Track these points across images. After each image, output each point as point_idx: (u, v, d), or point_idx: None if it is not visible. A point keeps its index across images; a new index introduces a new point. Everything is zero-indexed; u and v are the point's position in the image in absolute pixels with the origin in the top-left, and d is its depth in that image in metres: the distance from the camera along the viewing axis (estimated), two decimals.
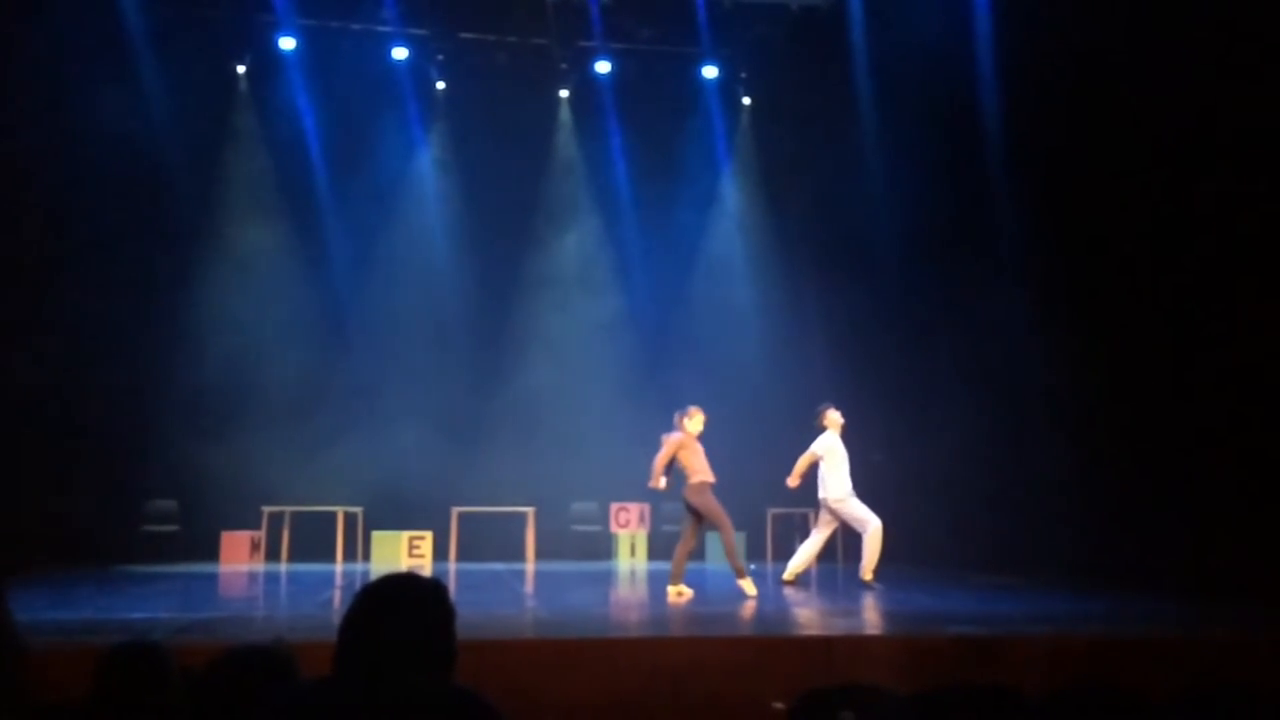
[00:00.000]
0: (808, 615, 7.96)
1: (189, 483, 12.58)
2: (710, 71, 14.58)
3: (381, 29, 13.66)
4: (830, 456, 10.04)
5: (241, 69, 13.86)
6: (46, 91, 11.04)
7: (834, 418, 10.22)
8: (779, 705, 4.71)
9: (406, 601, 2.08)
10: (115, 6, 12.22)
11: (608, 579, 11.55)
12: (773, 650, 5.88)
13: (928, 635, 6.20)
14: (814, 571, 12.50)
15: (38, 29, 10.76)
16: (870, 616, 7.59)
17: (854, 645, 5.95)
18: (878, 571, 9.81)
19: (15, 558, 9.41)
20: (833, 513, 10.09)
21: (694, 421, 9.41)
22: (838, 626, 6.84)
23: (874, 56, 13.06)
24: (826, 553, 13.30)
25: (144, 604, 8.26)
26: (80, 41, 11.49)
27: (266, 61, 13.80)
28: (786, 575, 10.19)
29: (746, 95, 15.01)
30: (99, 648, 4.84)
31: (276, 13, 13.22)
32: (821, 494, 10.14)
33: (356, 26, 13.63)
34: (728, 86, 14.89)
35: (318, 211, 13.99)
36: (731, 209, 15.14)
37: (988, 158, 11.44)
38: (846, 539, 13.32)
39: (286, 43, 13.55)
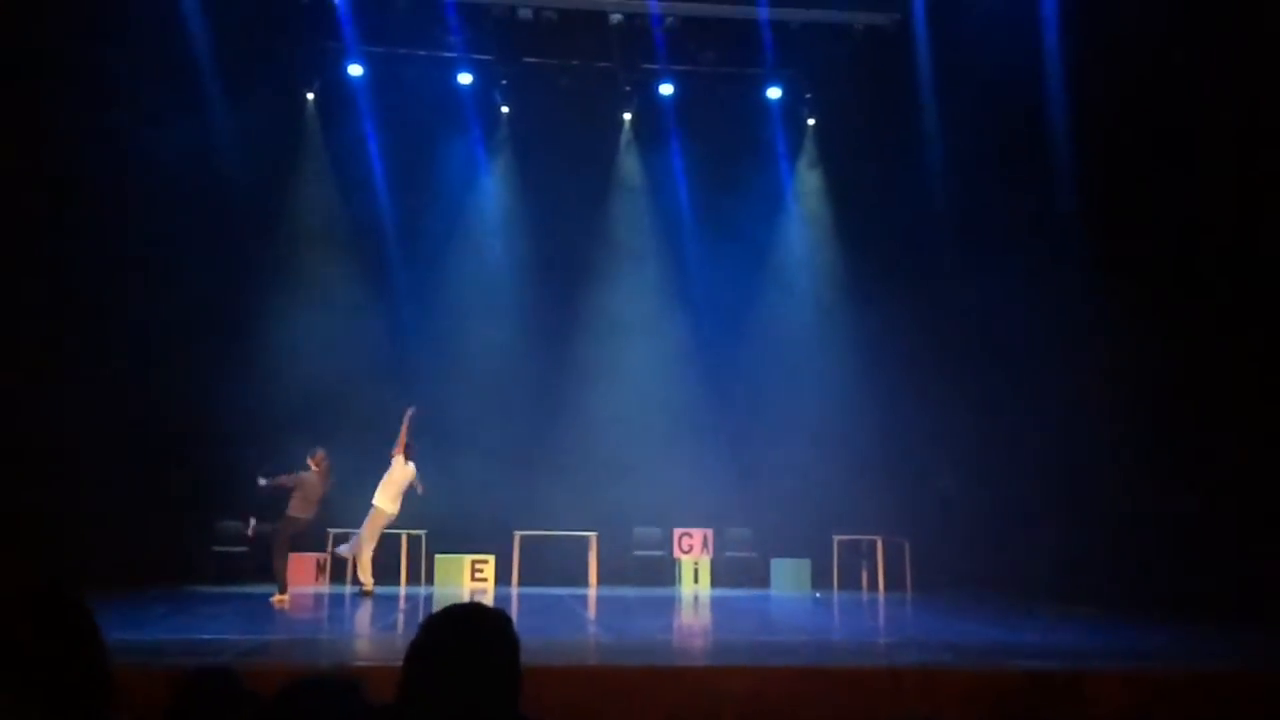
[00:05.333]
0: (874, 646, 7.80)
1: (258, 505, 12.71)
2: (774, 92, 14.54)
3: (447, 55, 13.84)
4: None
5: (311, 96, 14.16)
6: (122, 118, 11.30)
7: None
8: None
9: (471, 633, 2.10)
10: (189, 35, 12.53)
11: (671, 605, 11.45)
12: (838, 681, 5.74)
13: (998, 668, 6.02)
14: (881, 599, 12.32)
15: (114, 56, 11.03)
16: (939, 648, 7.39)
17: (922, 678, 5.80)
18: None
19: (86, 576, 9.56)
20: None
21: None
22: (905, 658, 6.68)
23: (939, 75, 12.93)
24: (894, 581, 13.14)
25: (213, 625, 8.36)
26: (155, 69, 11.77)
27: (335, 88, 14.08)
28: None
29: (810, 116, 14.92)
30: (172, 669, 4.88)
31: (345, 40, 13.46)
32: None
33: (422, 53, 13.83)
34: (791, 107, 14.82)
35: (383, 236, 14.19)
36: (796, 230, 15.03)
37: (1057, 175, 11.24)
38: (914, 566, 13.11)
39: (354, 70, 13.80)
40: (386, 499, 11.38)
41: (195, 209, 12.44)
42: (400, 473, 11.39)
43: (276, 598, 10.41)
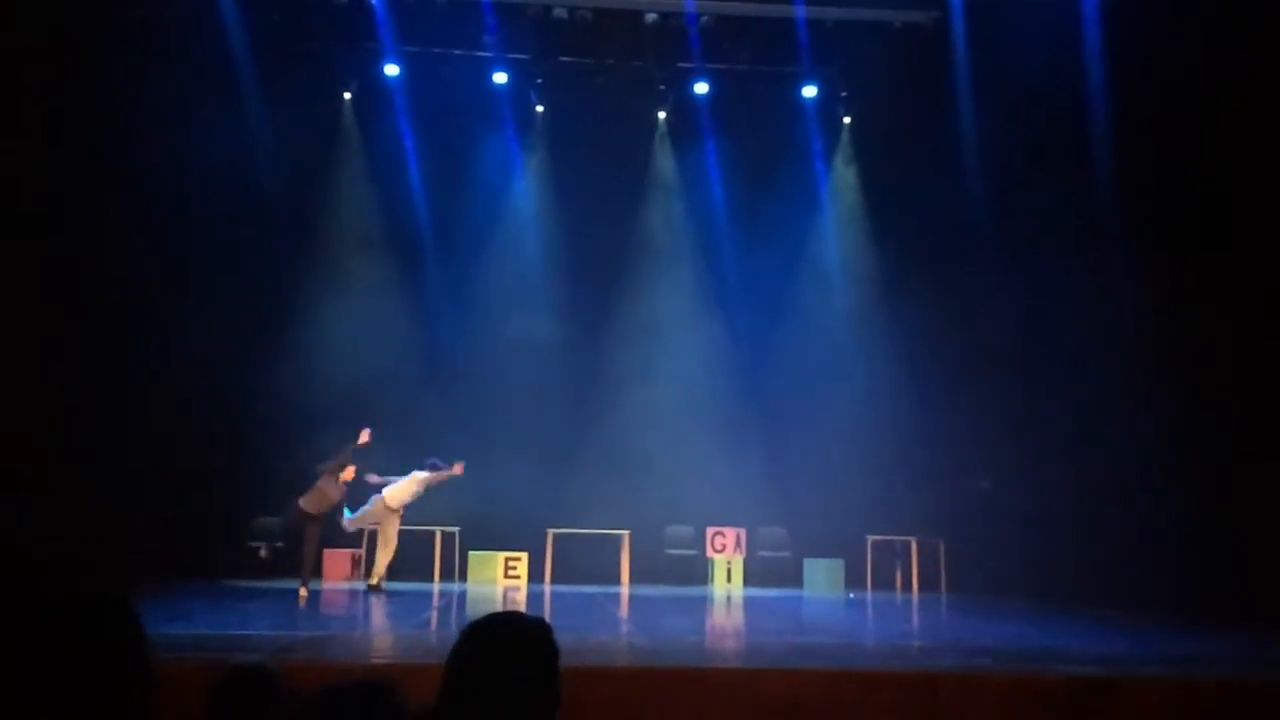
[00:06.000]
0: (911, 649, 7.74)
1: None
2: (810, 91, 14.45)
3: (482, 54, 13.88)
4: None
5: (348, 95, 14.27)
6: (160, 118, 11.42)
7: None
8: None
9: (513, 643, 2.11)
10: (226, 38, 12.65)
11: (703, 605, 11.43)
12: (875, 685, 5.70)
13: (1037, 673, 5.95)
14: (915, 601, 12.23)
15: (153, 58, 11.15)
16: (976, 651, 7.32)
17: (960, 683, 5.73)
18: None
19: (127, 571, 9.69)
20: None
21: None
22: (942, 662, 6.62)
23: (977, 74, 12.80)
24: (929, 582, 13.04)
25: (250, 620, 8.43)
26: (193, 70, 11.90)
27: (372, 88, 14.17)
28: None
29: (846, 114, 14.83)
30: (209, 664, 4.93)
31: (382, 40, 13.54)
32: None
33: (458, 52, 13.87)
34: (827, 106, 14.72)
35: (419, 235, 14.28)
36: (831, 229, 14.95)
37: (1096, 174, 11.11)
38: (949, 568, 13.02)
39: (391, 69, 13.88)
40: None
41: (233, 208, 12.56)
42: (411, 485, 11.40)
43: (303, 591, 10.46)
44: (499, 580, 12.96)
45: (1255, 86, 8.98)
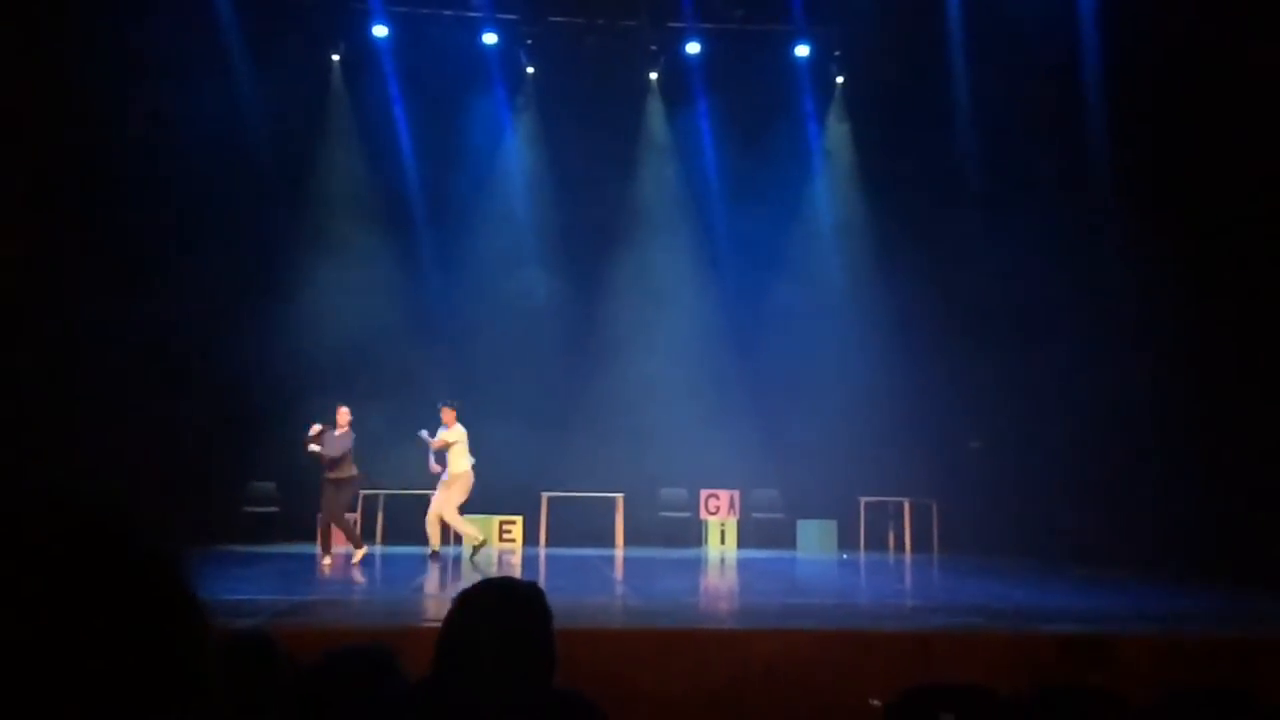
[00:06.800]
0: (903, 609, 7.80)
1: (288, 465, 12.83)
2: (802, 50, 14.31)
3: (472, 14, 13.71)
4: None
5: (336, 57, 14.11)
6: (143, 85, 11.29)
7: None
8: (876, 702, 4.62)
9: (504, 609, 2.11)
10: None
11: (697, 567, 11.49)
12: (867, 645, 5.76)
13: (1029, 633, 6.01)
14: (908, 561, 12.32)
15: (133, 21, 11.01)
16: (968, 611, 7.38)
17: (951, 642, 5.80)
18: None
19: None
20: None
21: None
22: (934, 622, 6.68)
23: (971, 31, 12.70)
24: (921, 543, 13.13)
25: (246, 585, 8.45)
26: (177, 35, 11.74)
27: (361, 49, 14.01)
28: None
29: (840, 74, 14.70)
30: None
31: (369, 1, 13.38)
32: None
33: (447, 13, 13.71)
34: (820, 65, 14.59)
35: (410, 198, 14.18)
36: (823, 190, 14.88)
37: (1090, 134, 11.07)
38: (941, 528, 13.10)
39: (380, 31, 13.72)
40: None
41: (223, 173, 12.45)
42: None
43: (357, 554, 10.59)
44: (494, 543, 13.00)
45: (1251, 40, 8.92)
